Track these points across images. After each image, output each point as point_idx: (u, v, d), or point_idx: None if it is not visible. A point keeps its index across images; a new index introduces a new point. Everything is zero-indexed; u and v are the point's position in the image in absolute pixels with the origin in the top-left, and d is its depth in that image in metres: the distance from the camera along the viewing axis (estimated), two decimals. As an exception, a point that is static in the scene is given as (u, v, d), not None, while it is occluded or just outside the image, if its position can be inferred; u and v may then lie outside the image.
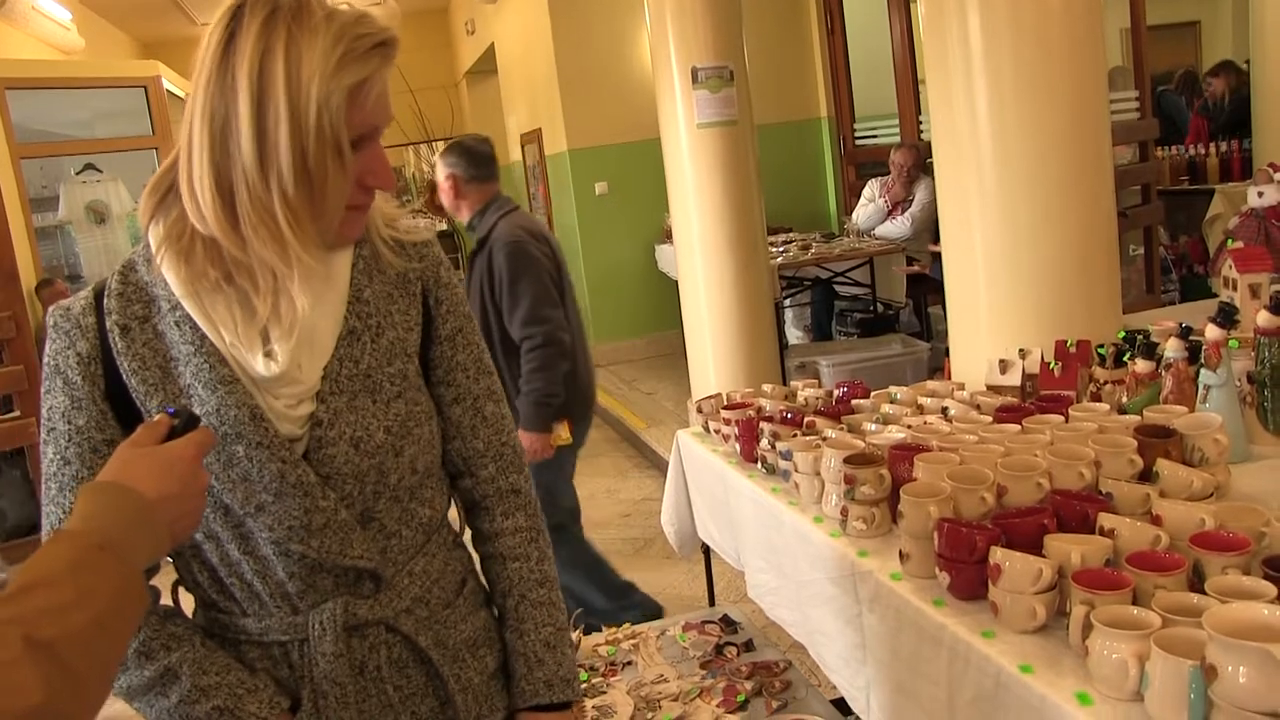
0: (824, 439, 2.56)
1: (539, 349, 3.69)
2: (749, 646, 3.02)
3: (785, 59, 8.34)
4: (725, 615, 3.29)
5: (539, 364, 3.69)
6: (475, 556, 1.65)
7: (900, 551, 2.02)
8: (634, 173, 8.31)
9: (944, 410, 2.63)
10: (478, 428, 1.55)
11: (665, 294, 8.21)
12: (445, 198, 3.89)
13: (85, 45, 9.71)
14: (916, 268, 6.68)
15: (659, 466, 6.16)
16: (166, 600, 1.44)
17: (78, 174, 8.53)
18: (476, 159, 3.84)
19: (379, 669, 1.43)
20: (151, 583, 1.33)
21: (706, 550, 3.39)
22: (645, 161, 7.65)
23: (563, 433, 3.82)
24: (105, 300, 1.37)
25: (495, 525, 1.58)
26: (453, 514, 1.62)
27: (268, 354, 1.34)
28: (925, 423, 2.52)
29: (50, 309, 1.40)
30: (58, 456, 1.36)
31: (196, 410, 1.32)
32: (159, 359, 1.35)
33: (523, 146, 10.29)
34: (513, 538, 1.58)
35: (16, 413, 5.36)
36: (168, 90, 8.40)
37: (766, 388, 3.26)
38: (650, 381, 7.91)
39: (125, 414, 1.36)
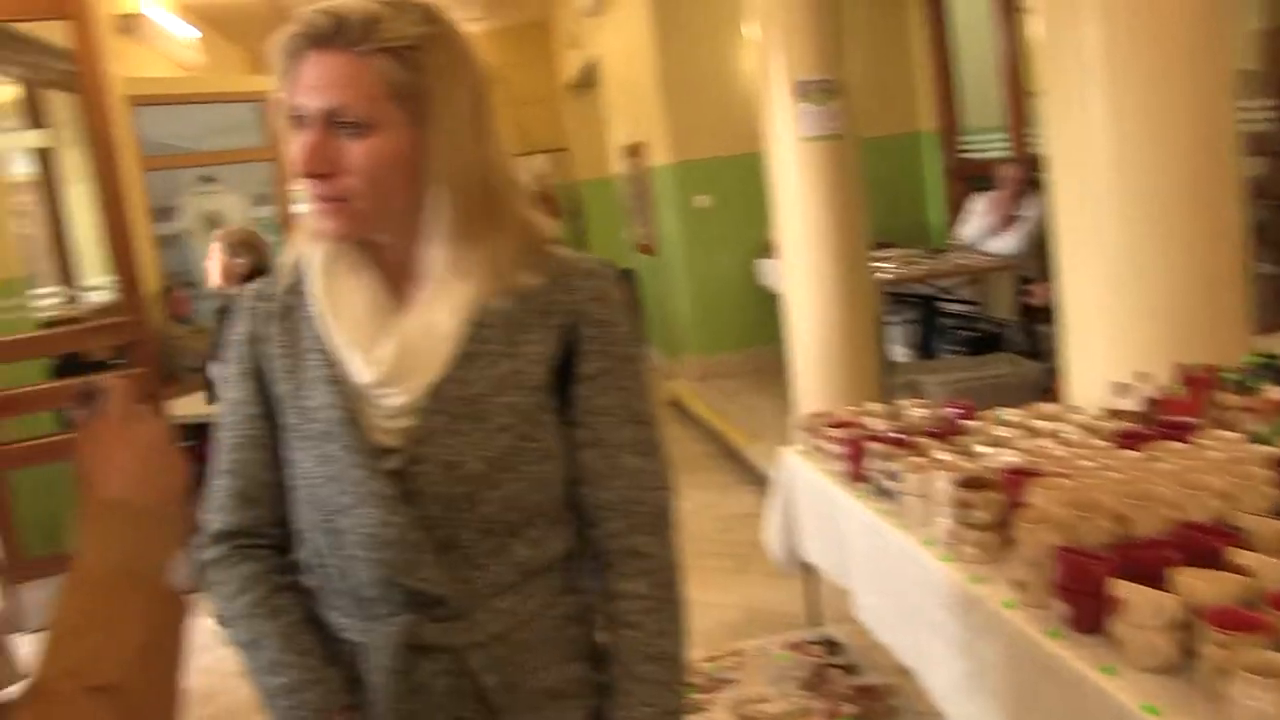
0: (933, 460, 2.52)
1: None
2: (852, 669, 2.98)
3: (889, 72, 8.24)
4: (828, 636, 3.25)
5: None
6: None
7: (1015, 579, 1.97)
8: (736, 186, 8.26)
9: (1059, 434, 2.57)
10: (610, 479, 1.44)
11: (766, 308, 8.13)
12: None
13: (206, 62, 9.97)
14: (1036, 299, 6.49)
15: (760, 482, 6.10)
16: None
17: (196, 185, 8.77)
18: None
19: (437, 696, 1.40)
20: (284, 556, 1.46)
21: (810, 568, 3.35)
22: (748, 175, 7.60)
23: None
24: (274, 287, 1.46)
25: (614, 586, 1.45)
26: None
27: (372, 360, 1.36)
28: (1040, 446, 2.46)
29: (245, 288, 1.50)
30: (221, 420, 1.48)
31: (310, 404, 1.38)
32: (295, 349, 1.42)
33: (626, 159, 10.32)
34: (630, 603, 1.44)
35: (140, 413, 5.49)
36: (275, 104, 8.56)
37: (873, 406, 3.21)
38: (751, 396, 7.85)
39: (270, 394, 1.44)
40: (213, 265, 4.73)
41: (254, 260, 4.64)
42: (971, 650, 2.08)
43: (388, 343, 1.36)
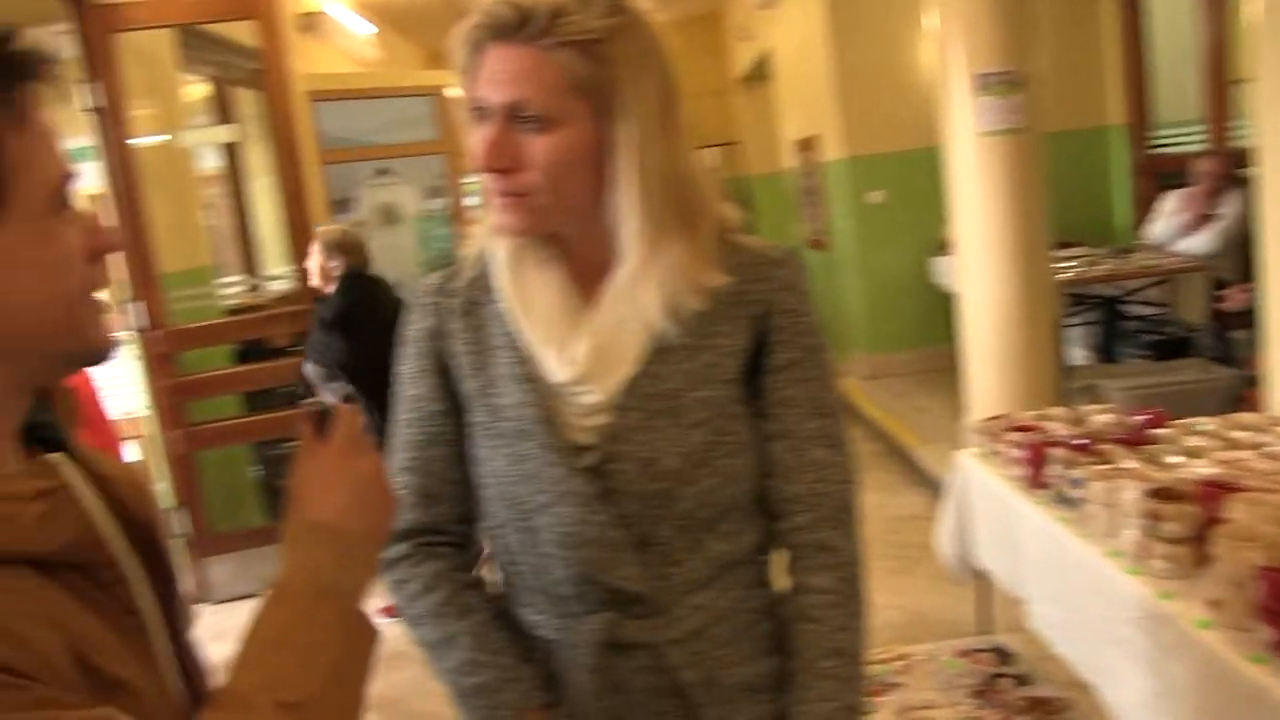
0: (1121, 469, 2.39)
1: None
2: (1025, 680, 2.88)
3: (1077, 62, 7.93)
4: (1000, 644, 3.14)
5: None
6: None
7: (1211, 598, 1.84)
8: (911, 181, 8.08)
9: (1262, 446, 2.41)
10: (798, 470, 1.41)
11: (940, 307, 7.95)
12: None
13: (382, 57, 10.25)
14: (1231, 303, 6.17)
15: (929, 484, 5.97)
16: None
17: (372, 178, 9.03)
18: None
19: (637, 693, 1.39)
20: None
21: (983, 575, 3.24)
22: (923, 170, 7.42)
23: None
24: (455, 282, 1.45)
25: (800, 579, 1.43)
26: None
27: (566, 358, 1.34)
28: (1239, 458, 2.32)
29: (421, 282, 1.50)
30: (401, 418, 1.47)
31: (502, 402, 1.36)
32: (482, 345, 1.40)
33: (798, 154, 10.21)
34: (814, 597, 1.41)
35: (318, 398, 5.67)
36: (455, 98, 8.75)
37: (1055, 410, 3.08)
38: (922, 397, 7.68)
39: (456, 390, 1.43)
40: (312, 266, 4.77)
41: (350, 262, 4.64)
42: (1160, 669, 1.97)
43: (581, 339, 1.34)
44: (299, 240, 5.49)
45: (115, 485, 1.00)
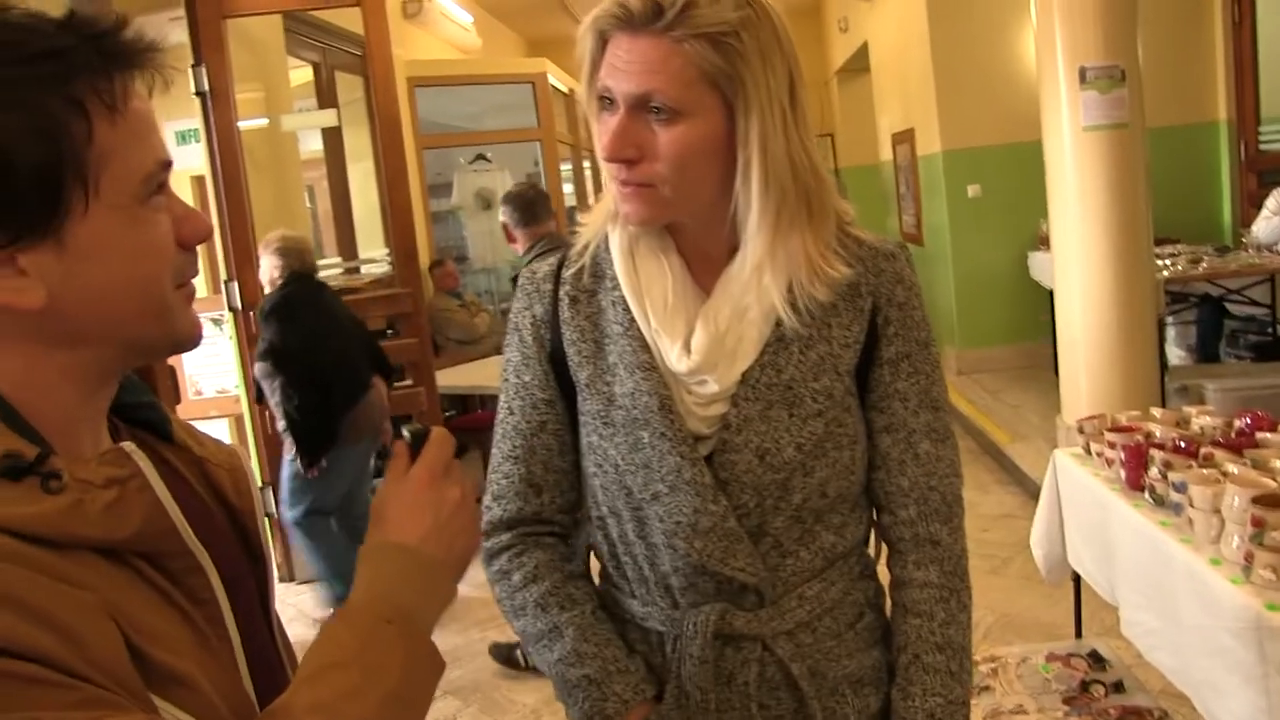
0: (1225, 473, 2.34)
1: None
2: (1118, 687, 2.83)
3: (1182, 56, 7.72)
4: (1094, 650, 3.09)
5: None
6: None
7: (1319, 609, 1.80)
8: (1009, 176, 7.96)
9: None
10: (906, 464, 1.41)
11: (1036, 303, 7.83)
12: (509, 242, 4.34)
13: (481, 45, 10.33)
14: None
15: (1021, 483, 5.89)
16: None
17: (469, 163, 9.12)
18: (522, 205, 4.22)
19: (746, 684, 1.39)
20: (569, 541, 1.48)
21: (1076, 578, 3.19)
22: (1022, 164, 7.31)
23: None
24: (564, 269, 1.44)
25: (906, 573, 1.43)
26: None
27: (686, 346, 1.33)
28: (1351, 465, 2.25)
29: (522, 270, 1.50)
30: (505, 405, 1.46)
31: (617, 390, 1.36)
32: (596, 333, 1.40)
33: (894, 147, 10.11)
34: (920, 591, 1.42)
35: (409, 382, 5.76)
36: (552, 85, 8.81)
37: (1156, 412, 3.02)
38: (1015, 393, 7.57)
39: (566, 378, 1.42)
40: (262, 272, 4.87)
41: (290, 264, 4.70)
42: (1266, 684, 1.92)
43: (699, 329, 1.34)
44: (397, 224, 5.57)
45: (212, 468, 1.02)
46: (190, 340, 0.96)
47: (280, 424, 4.57)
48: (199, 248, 0.97)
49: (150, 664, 0.83)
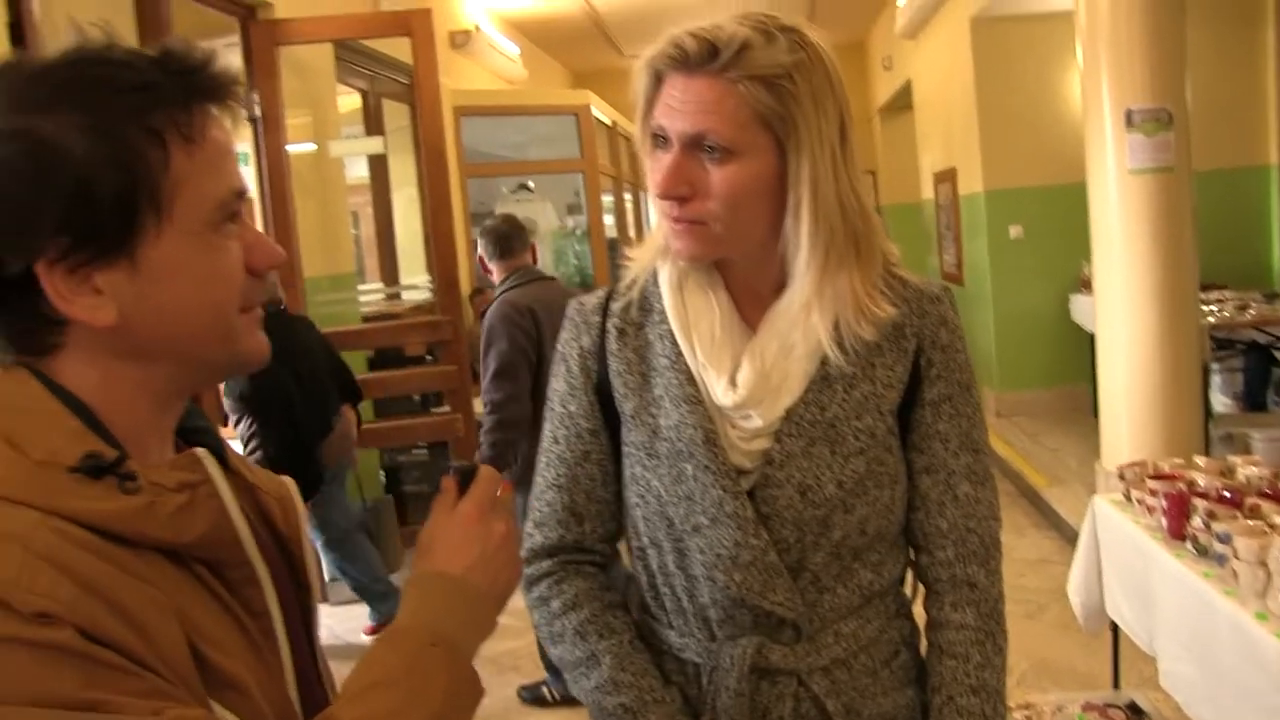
0: (1272, 525, 2.31)
1: (488, 415, 4.03)
2: (1157, 740, 2.78)
3: (1232, 99, 7.65)
4: (1132, 701, 3.05)
5: (487, 427, 4.02)
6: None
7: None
8: (1052, 217, 7.91)
9: None
10: (945, 505, 1.42)
11: (1077, 346, 7.77)
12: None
13: (527, 75, 10.42)
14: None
15: (1058, 527, 5.83)
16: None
17: (512, 193, 9.18)
18: (497, 239, 4.27)
19: (781, 718, 1.39)
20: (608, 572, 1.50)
21: (1114, 627, 3.15)
22: (1065, 206, 7.27)
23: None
24: (612, 302, 1.46)
25: (942, 615, 1.44)
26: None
27: (732, 381, 1.35)
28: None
29: (570, 301, 1.52)
30: (550, 434, 1.49)
31: (662, 422, 1.38)
32: (642, 366, 1.42)
33: (936, 185, 10.09)
34: (956, 633, 1.42)
35: (447, 408, 5.78)
36: (596, 117, 8.87)
37: (1199, 460, 2.99)
38: (1055, 437, 7.51)
39: (611, 408, 1.44)
40: None
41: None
42: (1311, 741, 1.89)
43: (747, 364, 1.35)
44: (440, 251, 5.61)
45: (262, 495, 1.04)
46: (256, 361, 1.00)
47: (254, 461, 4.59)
48: None
49: (207, 666, 0.86)
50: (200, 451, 0.93)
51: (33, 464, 0.83)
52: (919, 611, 1.51)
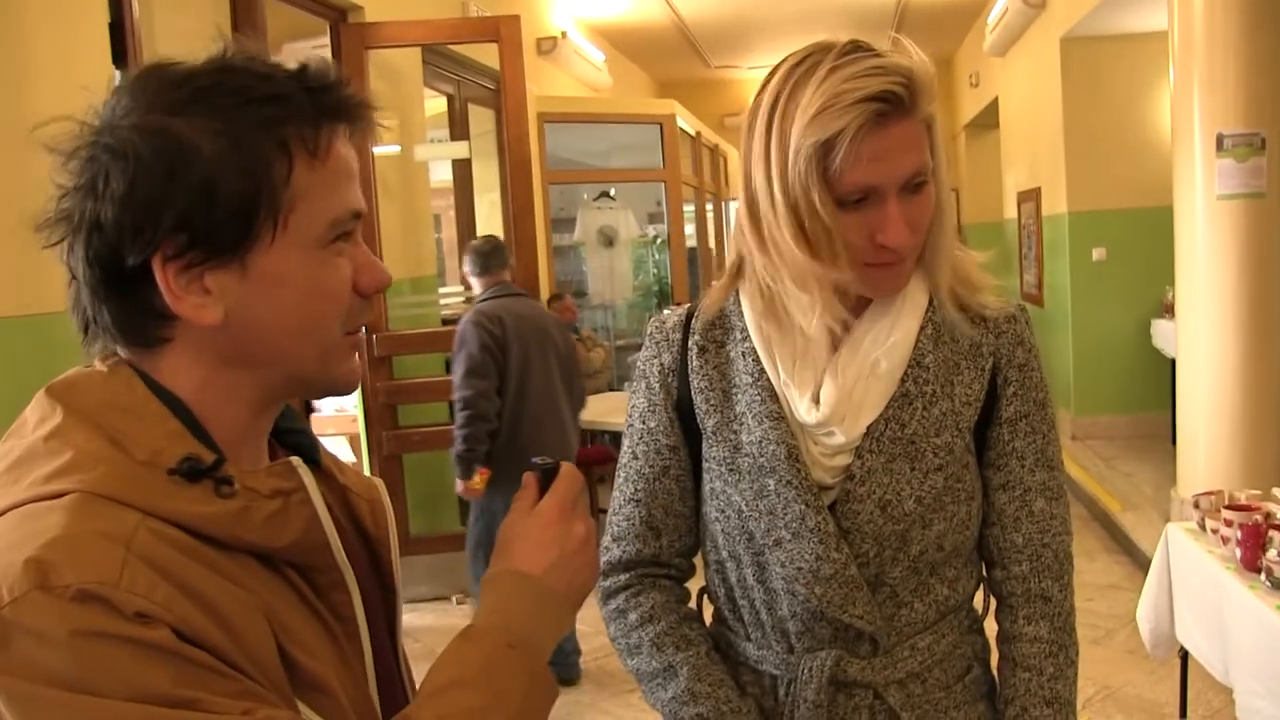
0: (1348, 560, 2.28)
1: (460, 411, 4.36)
2: (1224, 773, 2.75)
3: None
4: (1199, 732, 3.01)
5: (459, 423, 4.35)
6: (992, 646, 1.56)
7: None
8: (1136, 241, 7.80)
9: None
10: (1021, 521, 1.44)
11: (1157, 372, 7.66)
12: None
13: (612, 84, 10.48)
14: None
15: (1130, 553, 5.76)
16: (693, 604, 1.55)
17: (593, 200, 9.23)
18: (480, 257, 4.66)
19: None
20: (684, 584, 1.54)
21: (1184, 656, 3.11)
22: (1150, 230, 7.16)
23: (477, 481, 4.35)
24: (694, 320, 1.48)
25: (1016, 628, 1.46)
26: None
27: (815, 398, 1.37)
28: None
29: (651, 319, 1.55)
30: (629, 450, 1.52)
31: (744, 438, 1.40)
32: (724, 383, 1.44)
33: (1019, 204, 10.00)
34: (1030, 646, 1.45)
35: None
36: (680, 128, 8.89)
37: (1277, 492, 2.95)
38: (1130, 462, 7.40)
39: (690, 425, 1.47)
40: None
41: None
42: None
43: (829, 382, 1.38)
44: (521, 257, 5.66)
45: (353, 497, 1.07)
46: (346, 386, 1.02)
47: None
48: None
49: (295, 667, 0.89)
50: (295, 460, 0.95)
51: (135, 464, 0.86)
52: (990, 627, 1.53)
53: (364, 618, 1.01)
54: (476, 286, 4.65)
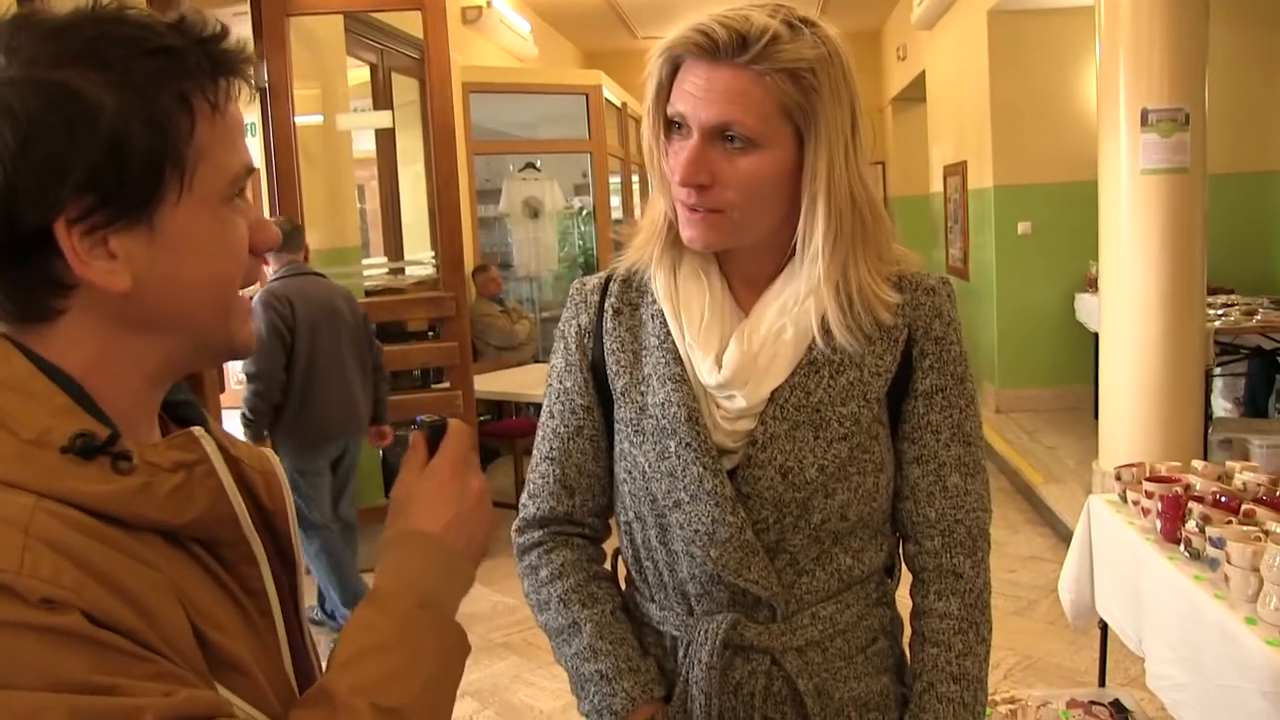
0: (1267, 532, 2.30)
1: (248, 384, 4.59)
2: (1142, 741, 2.78)
3: (1250, 102, 7.58)
4: (1117, 700, 3.05)
5: (246, 394, 4.58)
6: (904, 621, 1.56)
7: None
8: (1061, 215, 7.88)
9: None
10: (935, 495, 1.44)
11: (1080, 345, 7.76)
12: None
13: (538, 54, 10.38)
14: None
15: (1052, 525, 5.83)
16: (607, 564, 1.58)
17: (519, 171, 9.15)
18: None
19: (752, 695, 1.42)
20: (600, 544, 1.57)
21: (1103, 626, 3.14)
22: (1075, 204, 7.24)
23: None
24: (611, 283, 1.50)
25: (927, 603, 1.46)
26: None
27: (718, 361, 1.37)
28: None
29: (574, 282, 1.56)
30: (547, 409, 1.54)
31: (649, 400, 1.41)
32: (635, 345, 1.45)
33: (945, 178, 10.06)
34: (940, 621, 1.44)
35: (446, 384, 5.78)
36: (606, 99, 8.84)
37: (1197, 464, 2.98)
38: (1053, 435, 7.49)
39: (604, 386, 1.48)
40: None
41: None
42: (1294, 748, 1.88)
43: (734, 345, 1.37)
44: (445, 228, 5.60)
45: (247, 469, 1.03)
46: (246, 349, 1.00)
47: None
48: None
49: (210, 647, 0.86)
50: (198, 430, 0.92)
51: (22, 444, 0.82)
52: (907, 601, 1.52)
53: (274, 590, 0.98)
54: (271, 264, 4.79)
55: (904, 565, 1.53)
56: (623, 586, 1.58)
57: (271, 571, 1.00)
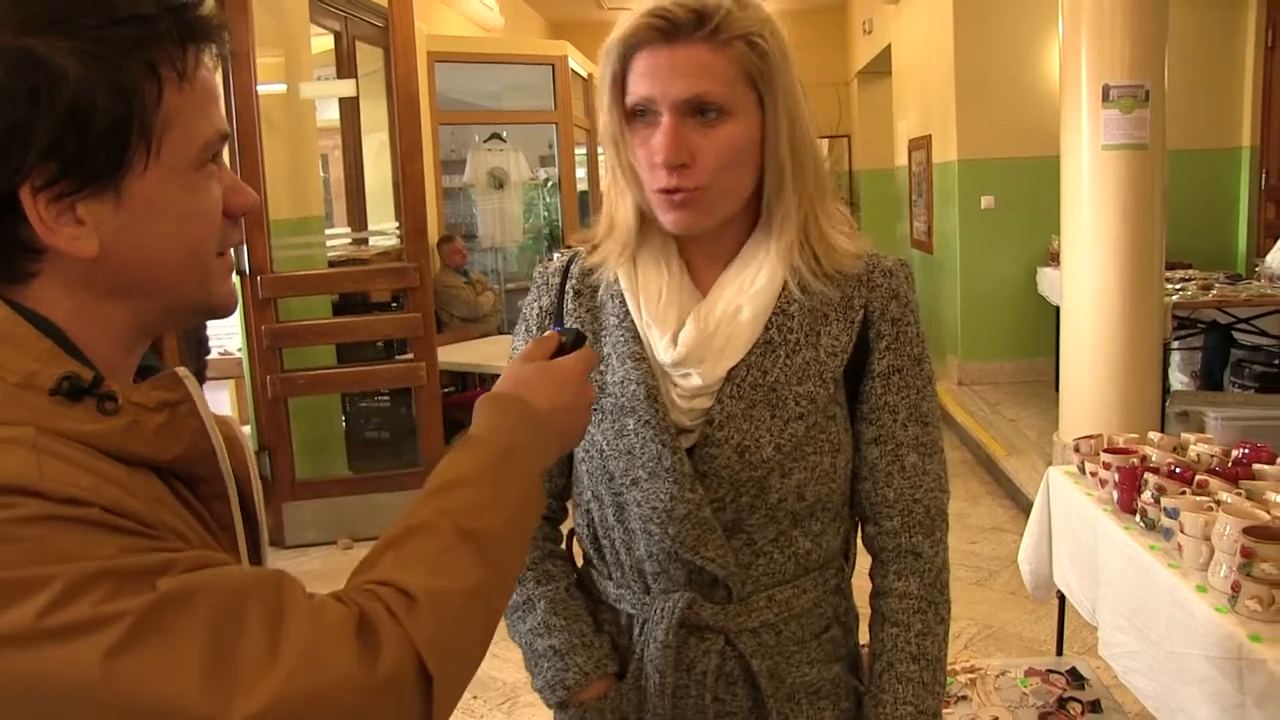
0: (1218, 502, 2.34)
1: None
2: (1095, 707, 2.84)
3: (1210, 80, 7.66)
4: (1073, 668, 3.09)
5: None
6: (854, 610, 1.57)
7: (1301, 643, 1.80)
8: (1024, 189, 7.93)
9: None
10: (893, 475, 1.44)
11: (1042, 319, 7.83)
12: None
13: (504, 24, 10.32)
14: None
15: (1013, 496, 5.89)
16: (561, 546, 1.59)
17: (484, 142, 9.11)
18: None
19: (705, 674, 1.43)
20: (550, 522, 1.58)
21: (1061, 596, 3.19)
22: (1038, 179, 7.28)
23: None
24: (573, 265, 1.50)
25: (886, 583, 1.47)
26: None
27: (674, 340, 1.38)
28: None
29: (539, 264, 1.57)
30: None
31: (609, 379, 1.41)
32: (595, 325, 1.46)
33: (910, 152, 10.09)
34: (899, 601, 1.45)
35: (410, 355, 5.76)
36: (572, 70, 8.80)
37: (1153, 436, 3.02)
38: (1014, 408, 7.56)
39: None
40: None
41: None
42: (1244, 715, 1.92)
43: (691, 324, 1.38)
44: (409, 198, 5.57)
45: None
46: (224, 308, 1.02)
47: None
48: None
49: None
50: (181, 371, 0.94)
51: (10, 388, 0.84)
52: (861, 590, 1.54)
53: (242, 528, 1.01)
54: None
55: (860, 550, 1.54)
56: (579, 565, 1.58)
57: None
